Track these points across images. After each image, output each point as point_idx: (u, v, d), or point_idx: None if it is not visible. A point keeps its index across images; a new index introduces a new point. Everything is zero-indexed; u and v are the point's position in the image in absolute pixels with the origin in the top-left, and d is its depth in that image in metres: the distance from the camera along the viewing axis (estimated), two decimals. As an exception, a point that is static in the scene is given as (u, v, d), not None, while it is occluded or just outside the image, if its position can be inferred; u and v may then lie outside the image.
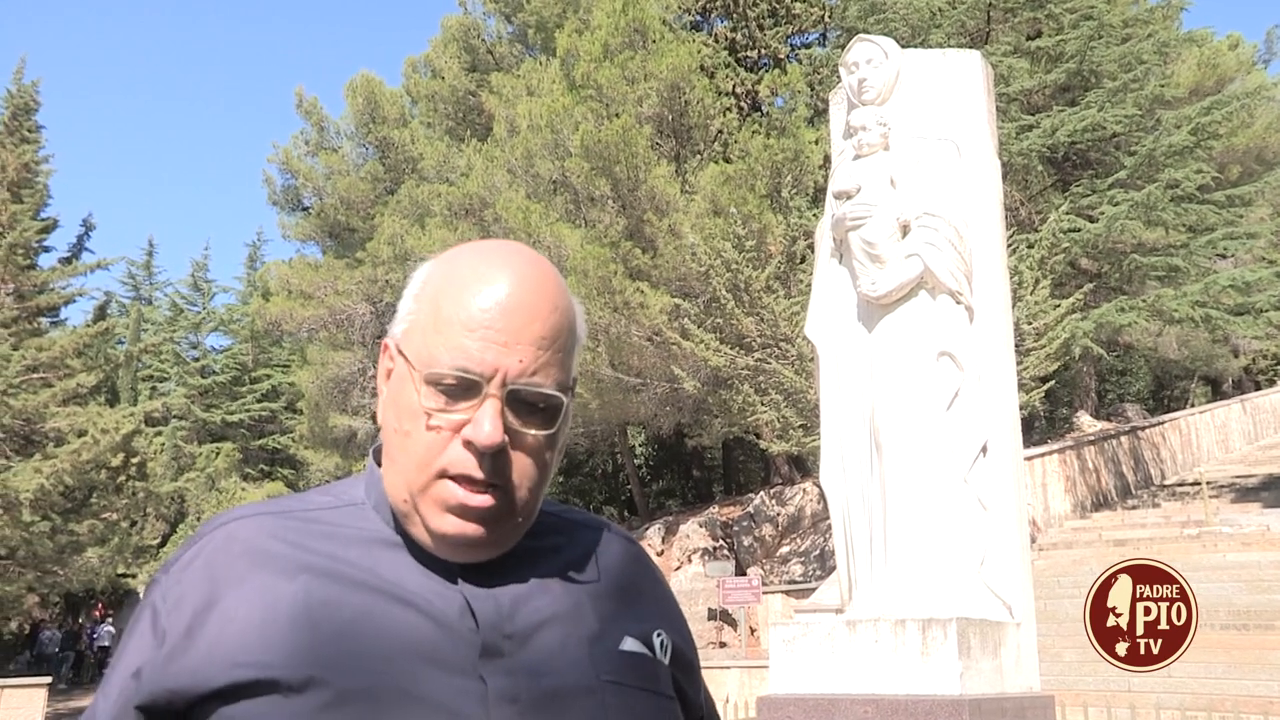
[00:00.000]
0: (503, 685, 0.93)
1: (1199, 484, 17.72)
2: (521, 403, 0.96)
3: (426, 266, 1.04)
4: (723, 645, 18.24)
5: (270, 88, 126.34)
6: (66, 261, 25.04)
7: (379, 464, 1.05)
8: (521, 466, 0.97)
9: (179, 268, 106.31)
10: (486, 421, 0.93)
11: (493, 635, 0.95)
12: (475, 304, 0.96)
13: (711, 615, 18.59)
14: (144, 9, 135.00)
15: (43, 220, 22.80)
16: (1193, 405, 31.12)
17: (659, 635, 1.06)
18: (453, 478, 0.95)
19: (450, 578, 0.97)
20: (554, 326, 0.98)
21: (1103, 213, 19.52)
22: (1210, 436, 24.62)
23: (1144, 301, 19.53)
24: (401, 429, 0.98)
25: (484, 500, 0.95)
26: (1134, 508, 18.73)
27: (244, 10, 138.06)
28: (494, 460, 0.94)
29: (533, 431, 0.97)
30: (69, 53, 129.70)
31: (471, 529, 0.95)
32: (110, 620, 31.09)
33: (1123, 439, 20.74)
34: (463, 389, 0.94)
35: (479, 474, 0.94)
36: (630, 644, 1.02)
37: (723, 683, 13.29)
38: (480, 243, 1.04)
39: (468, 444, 0.94)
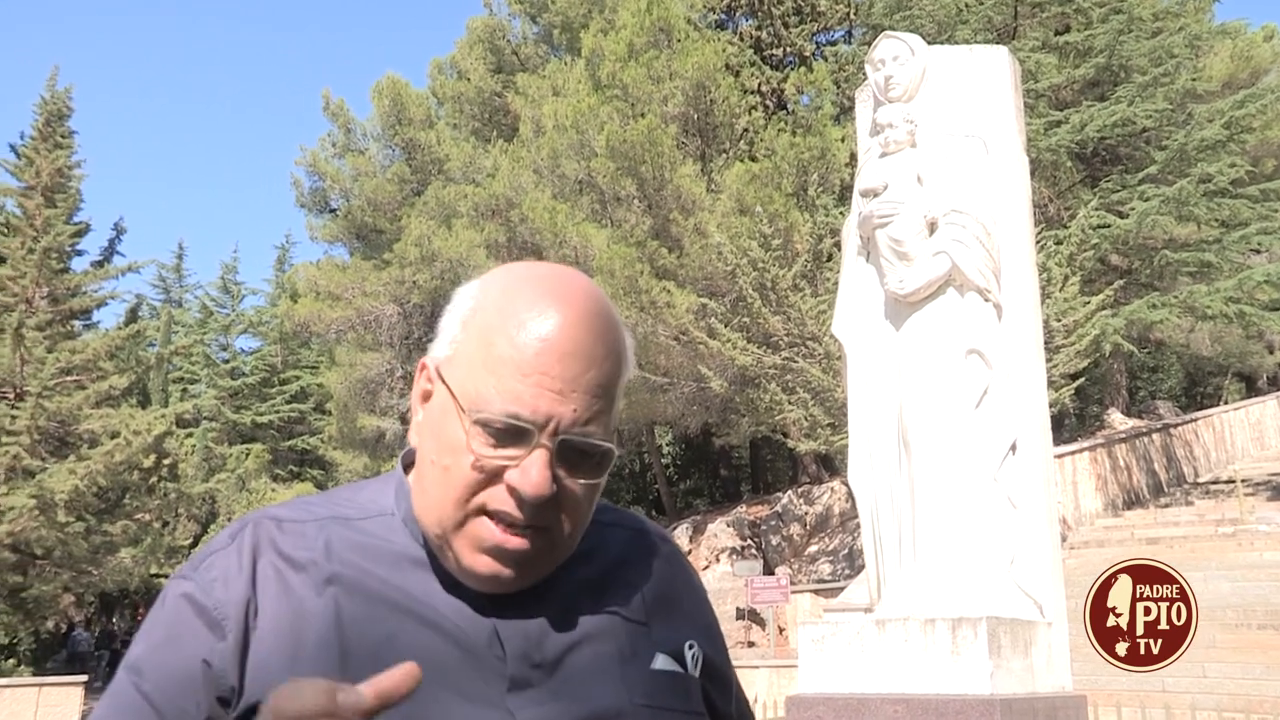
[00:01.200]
0: (531, 717, 0.91)
1: (1233, 482, 17.50)
2: (573, 452, 0.92)
3: (475, 289, 0.99)
4: (751, 645, 18.21)
5: (297, 91, 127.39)
6: (99, 265, 25.34)
7: (407, 473, 1.03)
8: (565, 509, 0.94)
9: (209, 270, 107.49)
10: (535, 471, 0.90)
11: (520, 666, 0.93)
12: (530, 347, 0.91)
13: (740, 615, 18.55)
14: (172, 13, 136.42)
15: (75, 224, 23.08)
16: (1226, 402, 30.74)
17: (691, 647, 1.04)
18: (491, 514, 0.92)
19: (479, 606, 0.95)
20: (609, 374, 0.95)
21: (1133, 208, 19.32)
22: (1245, 434, 24.31)
23: (1176, 298, 19.31)
24: (440, 462, 0.94)
25: (521, 544, 0.92)
26: (1166, 506, 18.52)
27: (271, 14, 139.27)
28: (537, 507, 0.91)
29: (581, 481, 0.94)
30: (98, 56, 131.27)
31: (505, 572, 0.93)
32: None
33: (1155, 436, 20.53)
34: (512, 435, 0.91)
35: (520, 517, 0.91)
36: (662, 662, 1.01)
37: (751, 682, 13.26)
38: (534, 270, 0.99)
39: (512, 490, 0.91)
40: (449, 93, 29.99)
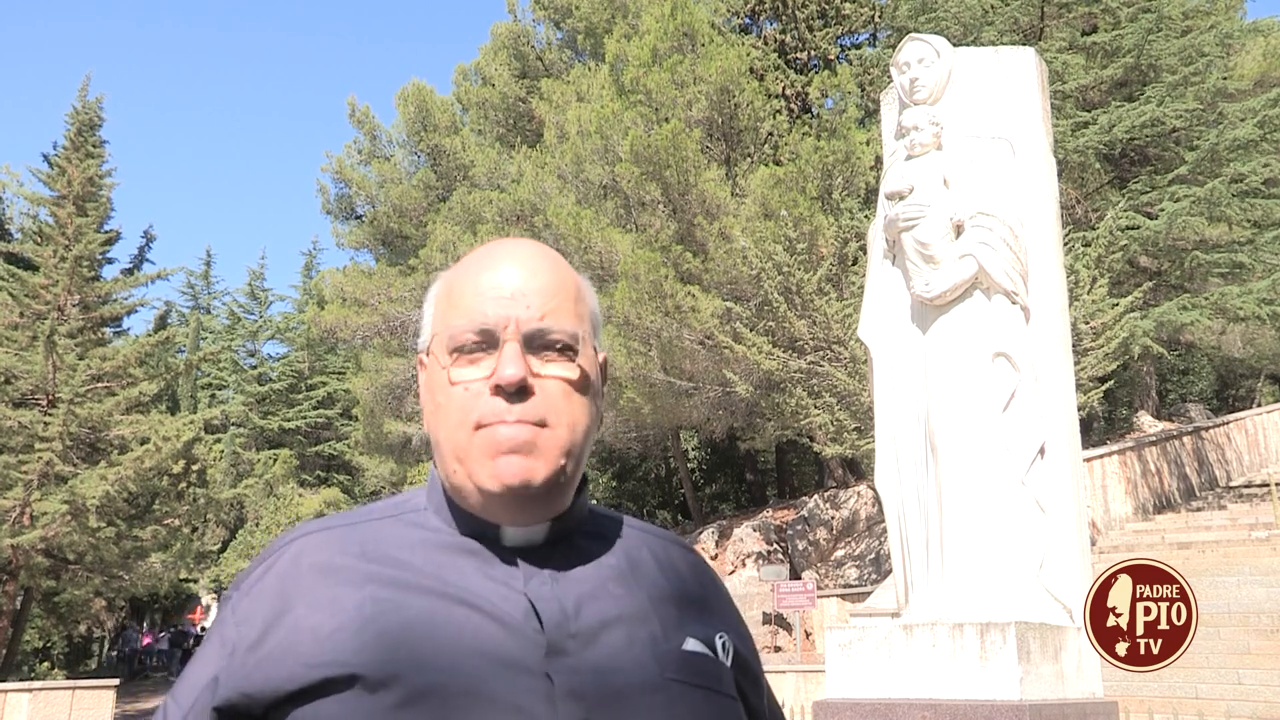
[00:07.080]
0: (569, 683, 0.94)
1: (1268, 485, 17.26)
2: (540, 345, 1.00)
3: (438, 278, 1.11)
4: (778, 650, 18.15)
5: (323, 98, 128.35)
6: (128, 272, 25.65)
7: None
8: (553, 405, 0.99)
9: (237, 277, 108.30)
10: (509, 364, 0.98)
11: (558, 634, 0.97)
12: (482, 279, 1.03)
13: (766, 619, 18.50)
14: (199, 24, 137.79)
15: (106, 233, 23.37)
16: (1259, 405, 30.34)
17: (721, 637, 1.08)
18: (488, 426, 0.98)
19: (511, 578, 0.99)
20: (558, 280, 1.04)
21: (1163, 209, 19.13)
22: (1278, 436, 23.98)
23: (1207, 299, 19.09)
24: (435, 404, 1.03)
25: (520, 431, 0.97)
26: (1199, 510, 18.28)
27: (297, 23, 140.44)
28: (522, 397, 0.98)
29: (555, 370, 1.01)
30: (127, 66, 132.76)
31: (515, 467, 0.97)
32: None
33: (1185, 439, 20.27)
34: (483, 345, 1.00)
35: (510, 410, 0.98)
36: (693, 644, 1.04)
37: (778, 688, 13.21)
38: (484, 244, 1.10)
39: (496, 390, 0.98)
40: (474, 99, 30.14)
